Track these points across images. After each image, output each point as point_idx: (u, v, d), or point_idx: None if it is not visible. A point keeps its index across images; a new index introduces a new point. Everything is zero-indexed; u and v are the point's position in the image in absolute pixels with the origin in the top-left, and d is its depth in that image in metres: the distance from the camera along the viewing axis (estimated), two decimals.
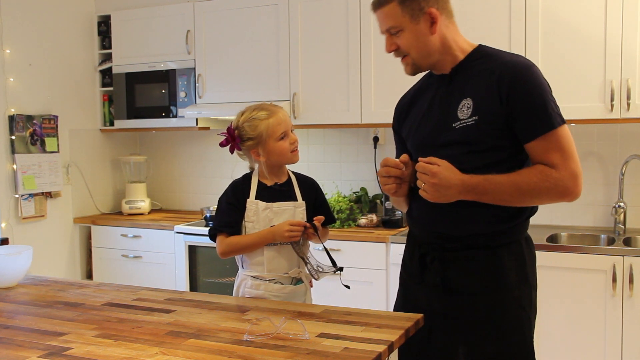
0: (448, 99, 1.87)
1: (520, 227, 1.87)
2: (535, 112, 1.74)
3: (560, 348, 3.02)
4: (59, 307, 2.01)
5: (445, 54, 1.86)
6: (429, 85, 1.97)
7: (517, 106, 1.75)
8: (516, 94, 1.74)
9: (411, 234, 2.03)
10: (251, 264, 2.14)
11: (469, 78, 1.84)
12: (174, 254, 3.97)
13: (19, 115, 3.86)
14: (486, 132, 1.78)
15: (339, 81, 3.70)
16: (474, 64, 1.85)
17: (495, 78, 1.77)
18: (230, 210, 2.15)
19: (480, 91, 1.80)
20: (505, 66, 1.79)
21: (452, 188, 1.74)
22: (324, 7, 3.71)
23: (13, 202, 3.86)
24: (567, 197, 1.76)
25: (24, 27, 3.94)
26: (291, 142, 2.15)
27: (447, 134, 1.84)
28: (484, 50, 1.88)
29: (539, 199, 1.77)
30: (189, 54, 4.12)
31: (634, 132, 3.41)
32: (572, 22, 3.16)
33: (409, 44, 1.84)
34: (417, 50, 1.85)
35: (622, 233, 3.31)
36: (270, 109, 2.15)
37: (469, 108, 1.80)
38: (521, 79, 1.76)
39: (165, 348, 1.59)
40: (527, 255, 1.87)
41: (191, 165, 4.63)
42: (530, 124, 1.75)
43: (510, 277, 1.82)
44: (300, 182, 2.23)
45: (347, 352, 1.53)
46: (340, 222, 3.68)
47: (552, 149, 1.74)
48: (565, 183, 1.73)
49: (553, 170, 1.73)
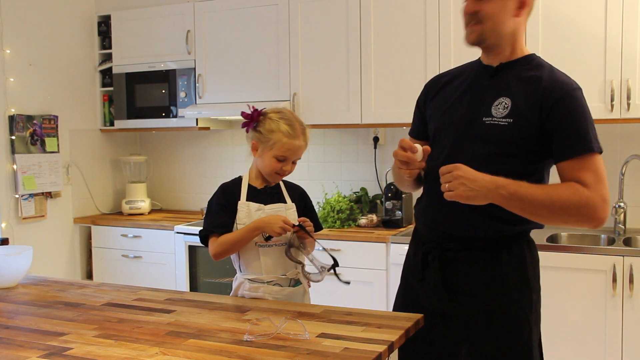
0: (485, 91, 1.84)
1: (523, 231, 1.86)
2: (577, 132, 1.73)
3: (561, 348, 3.01)
4: (59, 307, 2.01)
5: (508, 44, 1.83)
6: (471, 72, 1.93)
7: (560, 122, 1.73)
8: (562, 110, 1.73)
9: (416, 230, 2.03)
10: (249, 267, 2.13)
11: (513, 79, 1.82)
12: (174, 254, 3.97)
13: (19, 115, 3.86)
14: (514, 137, 1.76)
15: (339, 81, 3.70)
16: (522, 67, 1.83)
17: (541, 88, 1.76)
18: (222, 211, 2.13)
19: (522, 95, 1.78)
20: (557, 81, 1.77)
21: (478, 181, 1.67)
22: (324, 7, 3.71)
23: (13, 202, 3.86)
24: (593, 219, 1.70)
25: (24, 27, 3.94)
26: (283, 168, 2.10)
27: (475, 126, 1.82)
28: (537, 60, 1.87)
29: (567, 215, 1.71)
30: (189, 54, 4.12)
31: (634, 132, 3.41)
32: (572, 22, 3.16)
33: (490, 12, 1.78)
34: (492, 23, 1.79)
35: (622, 233, 3.31)
36: (298, 131, 2.09)
37: (506, 108, 1.78)
38: (569, 97, 1.75)
39: (165, 348, 1.59)
40: (528, 257, 1.85)
41: (191, 165, 4.63)
42: (570, 142, 1.73)
43: (510, 279, 1.82)
44: (288, 188, 2.23)
45: (347, 352, 1.53)
46: (340, 222, 3.68)
47: (586, 169, 1.71)
48: (595, 203, 1.69)
49: (585, 188, 1.70)
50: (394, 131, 3.94)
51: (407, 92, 3.41)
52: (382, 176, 3.96)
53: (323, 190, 4.05)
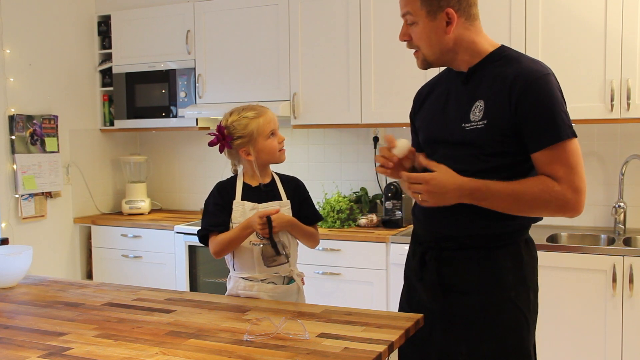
0: (462, 98, 1.85)
1: (519, 230, 1.85)
2: (543, 122, 1.71)
3: (561, 348, 3.01)
4: (59, 307, 2.01)
5: (461, 54, 1.83)
6: (448, 80, 1.94)
7: (526, 114, 1.72)
8: (526, 101, 1.71)
9: (415, 230, 2.04)
10: (243, 266, 2.16)
11: (484, 80, 1.81)
12: (174, 254, 3.97)
13: (19, 115, 3.86)
14: (494, 136, 1.76)
15: (339, 81, 3.70)
16: (491, 66, 1.82)
17: (508, 83, 1.74)
18: (218, 211, 2.18)
19: (492, 95, 1.77)
20: (521, 72, 1.74)
21: (449, 193, 1.74)
22: (324, 7, 3.71)
23: (13, 202, 3.86)
24: (567, 212, 1.73)
25: (24, 27, 3.94)
26: (279, 141, 2.19)
27: (457, 134, 1.83)
28: (505, 53, 1.83)
29: (538, 210, 1.76)
30: (189, 54, 4.12)
31: (634, 132, 3.41)
32: (572, 22, 3.16)
33: (420, 38, 1.82)
34: (428, 46, 1.82)
35: (622, 233, 3.31)
36: (258, 109, 2.19)
37: (481, 111, 1.78)
38: (534, 86, 1.72)
39: (165, 348, 1.59)
40: (525, 256, 1.84)
41: (191, 165, 4.63)
42: (537, 133, 1.72)
43: (506, 277, 1.81)
44: (284, 182, 2.26)
45: (347, 352, 1.53)
46: (340, 222, 3.68)
47: (556, 161, 1.71)
48: (566, 197, 1.70)
49: (555, 183, 1.70)
50: (394, 131, 3.93)
51: (407, 92, 3.39)
52: (382, 176, 3.96)
53: (323, 190, 4.05)
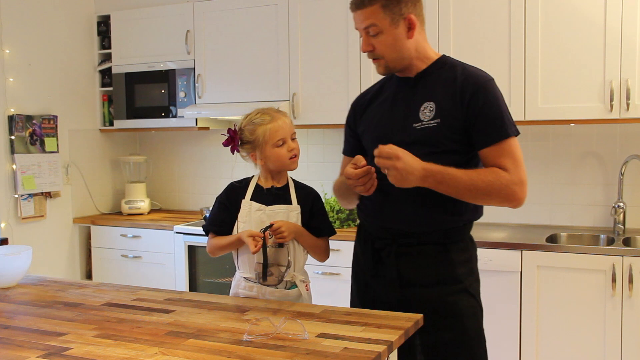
0: (410, 100, 1.99)
1: (467, 225, 2.03)
2: (493, 121, 1.88)
3: (560, 348, 3.02)
4: (59, 307, 2.01)
5: (416, 59, 1.98)
6: (391, 86, 2.08)
7: (476, 113, 1.88)
8: (477, 103, 1.88)
9: (362, 227, 2.14)
10: (245, 266, 2.16)
11: (433, 83, 1.96)
12: (173, 254, 3.97)
13: (18, 115, 3.86)
14: (446, 134, 1.90)
15: (338, 81, 3.70)
16: (438, 71, 1.98)
17: (458, 87, 1.91)
18: (220, 210, 2.19)
19: (443, 96, 1.93)
20: (469, 77, 1.93)
21: (415, 172, 1.81)
22: (324, 7, 3.71)
23: (13, 202, 3.86)
24: (513, 201, 1.89)
25: (24, 27, 3.94)
26: (289, 150, 2.13)
27: (407, 133, 1.94)
28: (448, 61, 2.01)
29: (489, 197, 1.88)
30: (189, 54, 4.12)
31: (634, 132, 3.41)
32: (572, 23, 3.16)
33: (385, 46, 1.94)
34: (393, 53, 1.95)
35: (622, 233, 3.31)
36: (273, 114, 2.14)
37: (432, 111, 1.93)
38: (482, 89, 1.90)
39: (165, 348, 1.59)
40: (472, 251, 2.04)
41: (191, 165, 4.63)
42: (487, 131, 1.89)
43: (459, 269, 1.97)
44: (298, 188, 2.22)
45: (346, 352, 1.53)
46: (340, 222, 3.68)
47: (504, 155, 1.88)
48: (514, 185, 1.86)
49: (505, 173, 1.87)
50: None
51: None
52: None
53: (323, 190, 4.02)
